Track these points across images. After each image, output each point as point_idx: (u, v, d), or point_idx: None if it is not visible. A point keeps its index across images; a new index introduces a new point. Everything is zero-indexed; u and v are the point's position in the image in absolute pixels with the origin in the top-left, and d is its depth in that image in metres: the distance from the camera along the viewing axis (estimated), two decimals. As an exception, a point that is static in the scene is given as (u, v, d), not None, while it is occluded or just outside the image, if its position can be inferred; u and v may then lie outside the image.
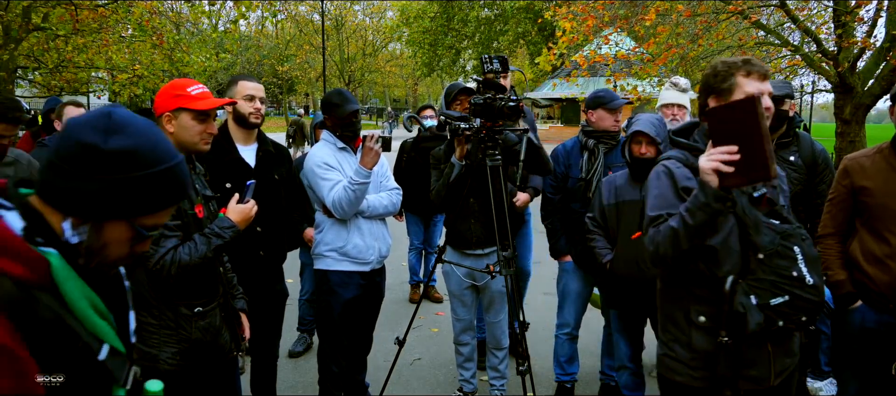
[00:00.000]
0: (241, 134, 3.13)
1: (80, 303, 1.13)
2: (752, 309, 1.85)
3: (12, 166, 3.24)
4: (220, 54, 13.82)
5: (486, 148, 3.09)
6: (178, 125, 2.21)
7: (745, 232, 1.91)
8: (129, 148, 1.12)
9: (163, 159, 1.17)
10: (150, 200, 1.16)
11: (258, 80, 3.18)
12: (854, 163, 2.77)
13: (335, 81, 44.56)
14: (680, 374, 2.06)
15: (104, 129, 1.12)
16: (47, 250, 1.11)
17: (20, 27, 10.20)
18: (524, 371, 2.98)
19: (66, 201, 1.12)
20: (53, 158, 1.13)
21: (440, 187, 3.31)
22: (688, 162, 2.02)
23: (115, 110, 1.16)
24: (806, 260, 1.91)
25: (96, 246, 1.16)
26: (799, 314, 1.88)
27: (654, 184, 2.04)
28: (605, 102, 3.55)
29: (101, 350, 1.17)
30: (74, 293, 1.12)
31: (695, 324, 1.99)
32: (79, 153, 1.10)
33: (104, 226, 1.15)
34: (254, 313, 2.69)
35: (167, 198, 1.20)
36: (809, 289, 1.89)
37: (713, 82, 1.99)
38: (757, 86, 1.93)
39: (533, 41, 31.52)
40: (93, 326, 1.16)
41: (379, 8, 48.44)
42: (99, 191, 1.11)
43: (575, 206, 3.62)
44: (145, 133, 1.16)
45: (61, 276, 1.11)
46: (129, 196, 1.13)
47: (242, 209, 2.33)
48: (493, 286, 3.47)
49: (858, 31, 10.22)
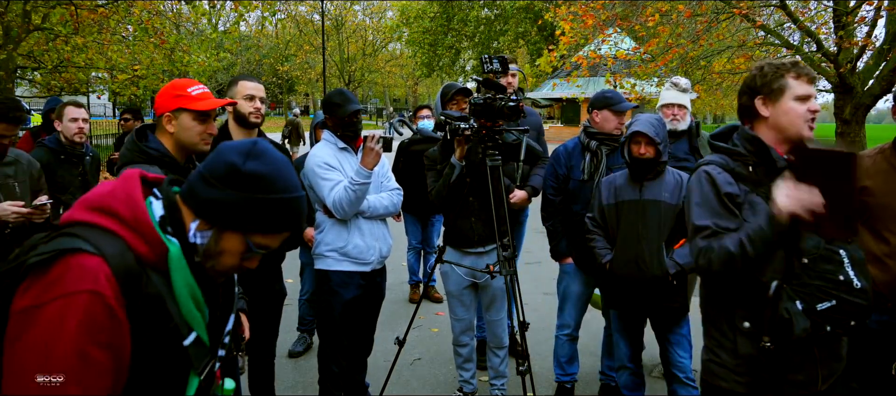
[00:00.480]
0: (242, 134, 3.13)
1: (182, 290, 1.30)
2: (798, 315, 1.82)
3: (13, 166, 3.24)
4: (221, 54, 13.79)
5: (486, 148, 3.09)
6: (179, 125, 2.21)
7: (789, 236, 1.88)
8: (261, 172, 1.28)
9: (288, 189, 1.31)
10: (267, 221, 1.31)
11: (258, 80, 3.18)
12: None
13: (335, 81, 44.56)
14: (725, 380, 2.03)
15: (246, 153, 1.30)
16: (172, 239, 1.29)
17: (20, 27, 10.20)
18: (524, 371, 2.98)
19: (200, 205, 1.31)
20: (203, 169, 1.32)
21: (440, 187, 3.31)
22: (728, 167, 1.98)
23: (259, 141, 1.34)
24: (852, 263, 1.87)
25: (213, 251, 1.32)
26: (847, 318, 1.85)
27: (697, 190, 2.00)
28: (611, 104, 3.50)
29: (189, 337, 1.32)
30: (180, 281, 1.29)
31: (739, 330, 1.97)
32: (221, 169, 1.29)
33: (224, 234, 1.31)
34: (252, 312, 2.69)
35: (282, 223, 1.33)
36: (857, 293, 1.85)
37: (761, 83, 1.96)
38: (806, 88, 1.92)
39: (533, 41, 31.54)
40: (188, 313, 1.31)
41: (379, 8, 48.45)
42: (228, 203, 1.28)
43: (576, 208, 3.61)
44: (279, 164, 1.32)
45: (175, 264, 1.28)
46: (250, 213, 1.29)
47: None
48: (493, 285, 3.47)
49: (859, 31, 10.22)
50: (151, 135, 2.26)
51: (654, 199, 3.09)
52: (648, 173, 3.11)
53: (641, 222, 3.09)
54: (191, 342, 1.32)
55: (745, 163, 1.97)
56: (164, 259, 1.28)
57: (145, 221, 1.27)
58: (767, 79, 1.95)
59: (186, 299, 1.30)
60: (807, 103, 1.94)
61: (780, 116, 1.95)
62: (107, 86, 15.66)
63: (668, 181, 3.14)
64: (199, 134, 2.24)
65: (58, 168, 4.06)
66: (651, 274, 3.04)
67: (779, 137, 1.98)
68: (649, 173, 3.11)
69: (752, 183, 1.95)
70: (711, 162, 2.02)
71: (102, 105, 32.39)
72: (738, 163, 1.98)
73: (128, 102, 15.63)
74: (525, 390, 2.99)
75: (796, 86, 1.92)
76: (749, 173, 1.96)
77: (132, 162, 2.19)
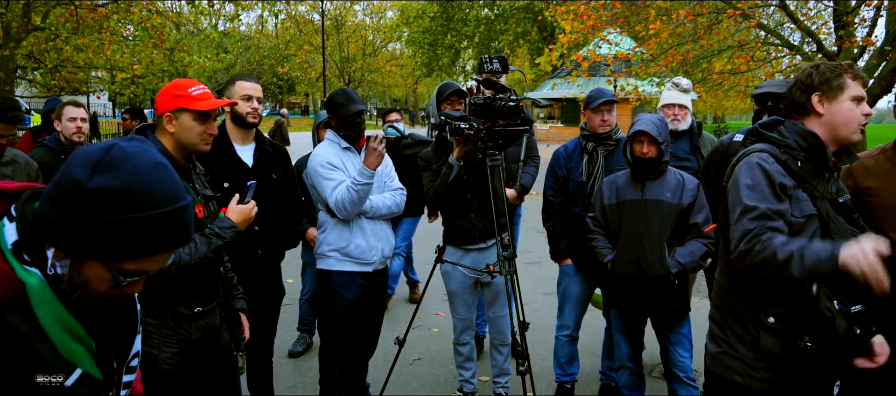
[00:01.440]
0: (239, 134, 3.14)
1: (52, 327, 1.09)
2: (839, 315, 1.82)
3: (10, 166, 3.24)
4: (221, 54, 13.80)
5: (486, 148, 3.09)
6: (179, 126, 2.21)
7: (830, 237, 1.87)
8: (113, 188, 1.03)
9: (149, 204, 1.05)
10: (130, 245, 1.06)
11: (256, 80, 3.19)
12: (857, 164, 2.77)
13: (335, 81, 44.59)
14: (740, 374, 2.02)
15: (94, 164, 1.04)
16: (31, 270, 1.08)
17: (20, 27, 10.20)
18: (524, 371, 2.98)
19: (47, 230, 1.07)
20: (52, 185, 1.08)
21: (438, 186, 3.31)
22: (779, 158, 1.96)
23: (116, 145, 1.08)
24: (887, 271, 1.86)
25: (76, 281, 1.11)
26: (874, 322, 1.85)
27: (746, 174, 1.95)
28: (589, 103, 3.56)
29: (71, 376, 1.14)
30: (47, 317, 1.09)
31: (763, 325, 1.96)
32: (65, 186, 1.05)
33: (83, 263, 1.09)
34: (251, 311, 2.69)
35: (154, 245, 1.09)
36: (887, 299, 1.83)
37: (819, 80, 1.95)
38: (861, 91, 1.93)
39: (533, 41, 31.53)
40: (66, 350, 1.12)
41: (379, 8, 48.46)
42: (76, 228, 1.04)
43: (575, 209, 3.61)
44: (140, 172, 1.06)
45: (36, 299, 1.08)
46: (106, 239, 1.04)
47: (243, 210, 2.33)
48: (496, 281, 3.47)
49: (859, 31, 10.23)
50: (151, 135, 2.26)
51: (657, 198, 3.09)
52: (650, 172, 3.11)
53: (643, 221, 3.09)
54: (74, 380, 1.14)
55: (795, 157, 1.96)
56: (20, 294, 1.06)
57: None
58: (826, 77, 1.94)
59: (60, 335, 1.10)
60: (861, 106, 1.95)
61: (835, 114, 1.95)
62: (106, 86, 15.67)
63: (670, 181, 3.14)
64: (200, 134, 2.23)
65: (58, 168, 4.04)
66: (653, 274, 3.04)
67: (829, 135, 1.97)
68: (651, 172, 3.11)
69: (798, 178, 1.93)
70: (762, 150, 1.99)
71: (102, 105, 32.42)
72: (787, 155, 1.96)
73: (128, 101, 15.64)
74: (525, 390, 2.99)
75: (853, 87, 1.93)
76: (798, 168, 1.94)
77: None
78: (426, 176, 3.45)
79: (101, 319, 1.22)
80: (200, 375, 2.35)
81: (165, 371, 2.23)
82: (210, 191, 2.45)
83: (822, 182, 1.97)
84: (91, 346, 1.18)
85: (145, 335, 2.21)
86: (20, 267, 1.07)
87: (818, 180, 1.96)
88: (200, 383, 2.37)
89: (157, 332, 2.22)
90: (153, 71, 12.14)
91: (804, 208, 1.91)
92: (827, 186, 1.97)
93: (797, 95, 2.00)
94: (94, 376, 1.18)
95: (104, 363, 1.22)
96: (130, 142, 1.11)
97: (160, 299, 2.21)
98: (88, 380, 1.17)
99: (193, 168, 2.36)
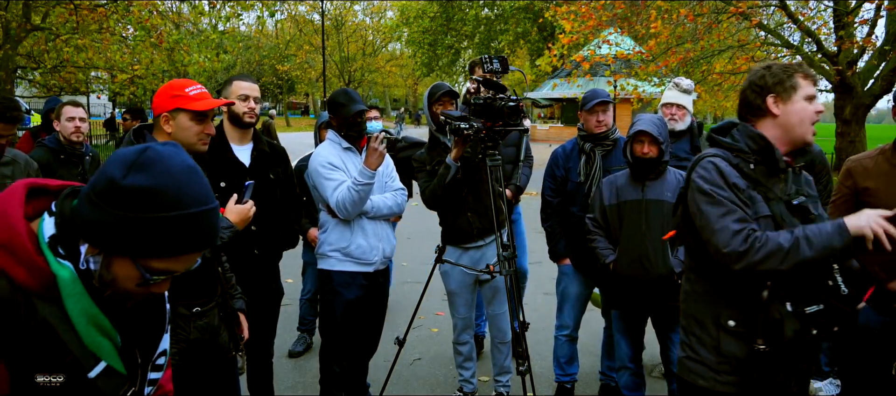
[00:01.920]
0: (236, 134, 3.13)
1: (79, 319, 1.14)
2: (790, 317, 1.83)
3: (10, 166, 3.24)
4: (220, 54, 13.80)
5: (485, 148, 3.09)
6: (176, 126, 2.21)
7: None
8: (146, 187, 1.08)
9: (180, 204, 1.10)
10: (155, 244, 1.11)
11: (253, 80, 3.19)
12: (857, 164, 2.78)
13: (335, 81, 44.60)
14: (703, 378, 2.02)
15: (129, 164, 1.10)
16: (64, 263, 1.13)
17: (20, 27, 10.20)
18: (524, 371, 2.98)
19: (82, 226, 1.12)
20: (90, 184, 1.13)
21: (435, 186, 3.31)
22: (731, 161, 1.97)
23: (151, 147, 1.13)
24: (841, 270, 1.88)
25: (106, 278, 1.15)
26: (833, 323, 1.86)
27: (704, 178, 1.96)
28: (584, 105, 3.57)
29: (95, 368, 1.18)
30: (75, 309, 1.13)
31: (724, 328, 1.96)
32: (101, 184, 1.10)
33: (112, 260, 1.13)
34: (249, 312, 2.68)
35: (177, 245, 1.13)
36: (844, 299, 1.86)
37: (773, 81, 1.97)
38: (813, 90, 1.97)
39: (533, 41, 31.54)
40: (92, 343, 1.16)
41: (379, 8, 48.47)
42: (109, 225, 1.09)
43: (574, 209, 3.61)
44: (172, 174, 1.11)
45: (66, 291, 1.12)
46: (136, 236, 1.09)
47: (241, 210, 2.33)
48: (495, 279, 3.47)
49: (859, 31, 10.23)
50: (149, 135, 2.25)
51: (657, 198, 3.09)
52: (650, 172, 3.11)
53: (645, 221, 3.09)
54: (98, 373, 1.18)
55: (747, 160, 1.97)
56: (51, 286, 1.12)
57: (21, 243, 1.10)
58: (779, 78, 1.96)
59: (87, 327, 1.15)
60: (813, 104, 1.97)
61: (791, 114, 1.96)
62: (106, 86, 15.67)
63: (670, 181, 3.14)
64: (197, 134, 2.23)
65: (57, 168, 4.07)
66: (656, 274, 3.03)
67: (784, 136, 1.98)
68: (651, 172, 3.11)
69: (751, 181, 1.95)
70: (714, 155, 2.01)
71: (102, 105, 32.41)
72: (739, 159, 1.98)
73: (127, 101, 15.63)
74: (525, 390, 2.99)
75: (805, 86, 1.95)
76: (750, 171, 1.96)
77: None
78: (421, 177, 3.44)
79: (130, 315, 1.26)
80: (199, 375, 2.35)
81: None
82: (209, 191, 2.44)
83: (778, 183, 1.99)
84: (116, 341, 1.22)
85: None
86: (54, 260, 1.12)
87: (773, 181, 1.98)
88: (200, 383, 2.36)
89: (155, 332, 2.22)
90: (153, 71, 12.13)
91: (759, 209, 1.93)
92: (783, 187, 1.99)
93: (752, 98, 2.02)
94: (117, 370, 1.22)
95: (129, 358, 1.26)
96: (165, 145, 1.17)
97: (159, 299, 2.21)
98: (112, 373, 1.20)
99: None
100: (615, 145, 3.58)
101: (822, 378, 3.82)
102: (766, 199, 1.93)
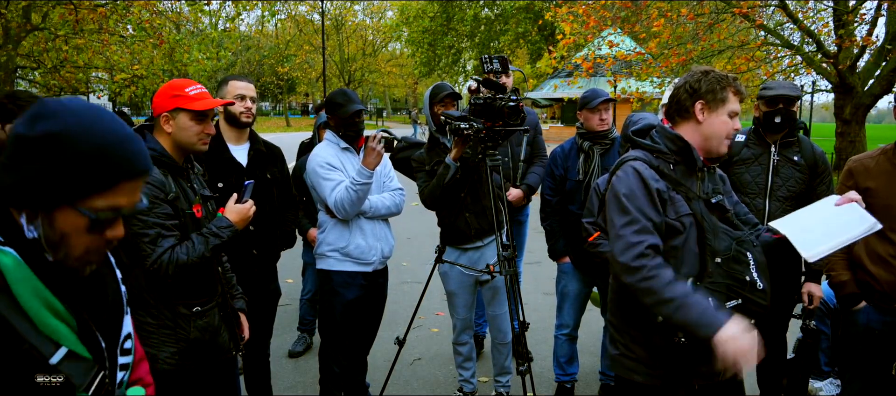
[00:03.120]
0: (233, 134, 3.14)
1: (31, 303, 1.12)
2: None
3: None
4: (220, 54, 13.79)
5: (486, 148, 3.09)
6: (176, 126, 2.21)
7: (704, 237, 1.94)
8: (57, 131, 1.09)
9: (100, 133, 1.12)
10: (90, 178, 1.11)
11: (249, 79, 3.20)
12: (858, 164, 2.78)
13: (335, 81, 44.62)
14: (639, 374, 2.06)
15: (33, 117, 1.11)
16: (5, 249, 1.11)
17: (20, 27, 10.20)
18: (524, 371, 2.97)
19: (12, 194, 1.12)
20: (3, 155, 1.13)
21: (434, 186, 3.31)
22: (651, 163, 2.02)
23: (46, 99, 1.15)
24: (757, 266, 1.96)
25: (54, 239, 1.14)
26: (750, 316, 1.89)
27: (623, 183, 1.99)
28: (587, 103, 3.57)
29: (56, 354, 1.15)
30: (25, 293, 1.11)
31: (653, 324, 1.99)
32: (12, 145, 1.11)
33: (54, 216, 1.12)
34: (247, 311, 2.68)
35: (110, 172, 1.13)
36: (759, 293, 1.94)
37: (706, 88, 1.99)
38: (738, 107, 2.01)
39: (533, 41, 31.55)
40: (47, 327, 1.14)
41: (379, 8, 48.48)
42: (33, 179, 1.09)
43: (573, 208, 3.61)
44: (78, 114, 1.12)
45: (13, 277, 1.10)
46: (63, 178, 1.10)
47: (240, 209, 2.32)
48: (496, 278, 3.47)
49: (859, 30, 10.23)
50: (149, 135, 2.25)
51: None
52: None
53: None
54: (60, 358, 1.15)
55: (667, 161, 2.03)
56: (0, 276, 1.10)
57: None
58: (712, 87, 2.00)
59: (39, 311, 1.13)
60: (734, 121, 2.02)
61: (712, 125, 2.01)
62: (106, 86, 15.66)
63: None
64: (197, 134, 2.23)
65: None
66: None
67: (701, 143, 2.03)
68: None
69: (672, 182, 2.00)
70: (636, 158, 2.05)
71: (102, 105, 32.42)
72: (660, 160, 2.02)
73: (127, 101, 15.62)
74: (525, 390, 2.99)
75: (733, 102, 2.00)
76: (670, 171, 2.01)
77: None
78: (420, 177, 3.45)
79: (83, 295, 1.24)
80: (200, 375, 2.35)
81: (164, 370, 2.23)
82: (208, 191, 2.45)
83: (697, 182, 2.04)
84: (72, 324, 1.19)
85: (145, 334, 2.21)
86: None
87: (692, 180, 2.03)
88: (200, 382, 2.36)
89: (156, 332, 2.22)
90: (153, 71, 12.12)
91: (679, 209, 1.97)
92: (701, 185, 2.04)
93: (683, 97, 2.05)
94: (81, 354, 1.19)
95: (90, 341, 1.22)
96: (51, 98, 1.18)
97: (159, 298, 2.21)
98: (76, 358, 1.18)
99: (192, 168, 2.36)
100: (614, 144, 3.59)
101: (822, 378, 3.82)
102: (686, 198, 1.98)
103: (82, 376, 1.19)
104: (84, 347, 1.20)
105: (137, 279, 2.18)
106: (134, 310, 2.22)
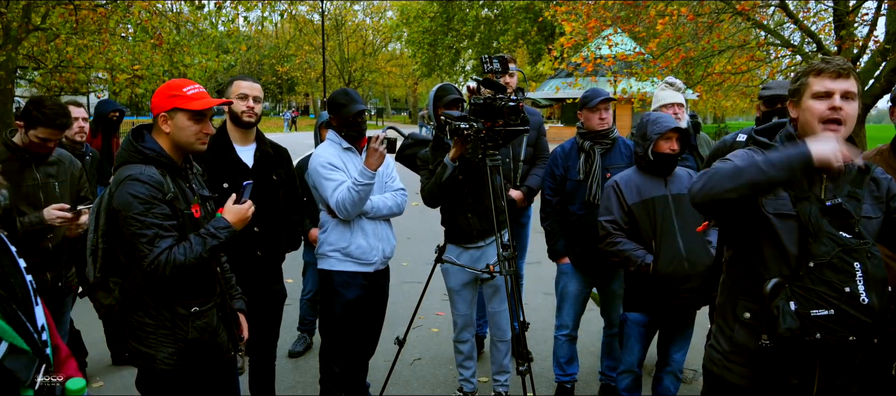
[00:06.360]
0: (239, 134, 3.12)
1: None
2: (787, 314, 1.81)
3: (55, 166, 3.23)
4: (221, 55, 13.75)
5: (486, 148, 3.09)
6: (174, 126, 2.20)
7: (805, 239, 1.86)
8: None
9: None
10: None
11: (254, 79, 3.18)
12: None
13: (335, 82, 44.61)
14: (718, 366, 2.07)
15: None
16: None
17: (20, 27, 10.19)
18: (524, 371, 2.97)
19: None
20: None
21: (432, 185, 3.31)
22: None
23: None
24: (866, 279, 1.80)
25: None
26: (845, 331, 1.79)
27: (738, 154, 1.99)
28: (587, 102, 3.57)
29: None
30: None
31: (739, 319, 2.00)
32: None
33: None
34: (252, 313, 2.67)
35: None
36: (862, 308, 1.78)
37: (792, 88, 2.01)
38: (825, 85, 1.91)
39: (533, 41, 31.53)
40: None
41: (379, 8, 48.47)
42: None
43: (573, 208, 3.61)
44: None
45: None
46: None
47: (239, 210, 2.31)
48: (496, 277, 3.46)
49: (859, 30, 10.22)
50: (148, 135, 2.25)
51: (680, 192, 3.09)
52: (673, 167, 3.12)
53: (679, 216, 3.06)
54: (2, 353, 1.14)
55: None
56: None
57: None
58: (795, 82, 2.00)
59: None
60: (827, 100, 1.90)
61: (802, 115, 1.97)
62: (107, 86, 15.65)
63: (682, 175, 3.16)
64: (195, 134, 2.22)
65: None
66: (704, 265, 2.99)
67: (805, 137, 1.94)
68: (674, 167, 3.12)
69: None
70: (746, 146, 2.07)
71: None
72: None
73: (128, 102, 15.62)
74: (525, 390, 2.98)
75: (815, 83, 1.92)
76: None
77: (127, 162, 2.18)
78: (423, 175, 3.45)
79: None
80: (199, 375, 2.34)
81: (163, 370, 2.23)
82: (207, 191, 2.44)
83: (818, 184, 1.95)
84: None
85: (143, 335, 2.21)
86: None
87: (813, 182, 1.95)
88: (199, 383, 2.36)
89: (154, 332, 2.21)
90: (154, 71, 12.10)
91: (779, 206, 1.92)
92: (822, 187, 1.94)
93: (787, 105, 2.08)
94: (20, 346, 1.18)
95: (24, 334, 1.21)
96: None
97: (157, 299, 2.21)
98: (17, 352, 1.17)
99: (190, 168, 2.36)
100: (614, 144, 3.58)
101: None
102: (794, 198, 1.91)
103: (25, 370, 1.18)
104: (22, 340, 1.19)
105: (136, 280, 2.18)
106: (133, 310, 2.22)
